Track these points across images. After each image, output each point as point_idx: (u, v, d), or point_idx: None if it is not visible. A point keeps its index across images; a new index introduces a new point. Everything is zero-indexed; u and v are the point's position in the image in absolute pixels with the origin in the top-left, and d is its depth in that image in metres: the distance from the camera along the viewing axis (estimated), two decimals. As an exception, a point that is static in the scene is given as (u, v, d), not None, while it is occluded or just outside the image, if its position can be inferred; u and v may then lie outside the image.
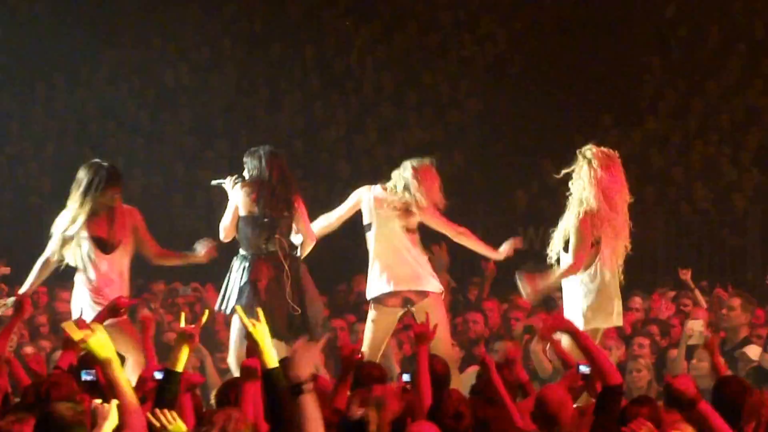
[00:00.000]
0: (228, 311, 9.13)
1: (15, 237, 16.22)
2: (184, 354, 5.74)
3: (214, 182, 9.53)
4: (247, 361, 6.41)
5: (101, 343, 5.34)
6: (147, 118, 19.15)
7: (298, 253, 9.22)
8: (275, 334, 8.91)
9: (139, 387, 6.61)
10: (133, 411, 5.30)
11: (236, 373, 8.87)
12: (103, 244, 8.93)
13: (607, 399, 6.40)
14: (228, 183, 9.30)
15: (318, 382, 7.36)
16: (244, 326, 5.61)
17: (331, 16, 20.61)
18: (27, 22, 19.62)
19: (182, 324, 5.84)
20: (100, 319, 7.99)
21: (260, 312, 6.07)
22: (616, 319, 9.04)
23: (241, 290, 9.07)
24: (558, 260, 9.08)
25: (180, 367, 5.71)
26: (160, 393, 5.63)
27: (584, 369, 7.07)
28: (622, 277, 9.10)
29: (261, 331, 5.56)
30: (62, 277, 14.12)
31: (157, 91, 19.49)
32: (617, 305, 9.03)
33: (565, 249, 8.98)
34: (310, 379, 5.23)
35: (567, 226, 8.87)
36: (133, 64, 19.83)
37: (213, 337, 10.75)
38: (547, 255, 9.20)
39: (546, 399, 6.53)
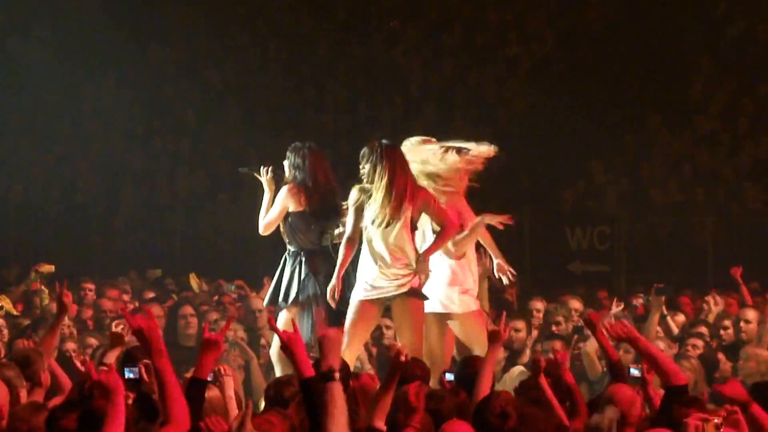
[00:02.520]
0: (288, 303, 9.10)
1: (62, 235, 16.32)
2: (210, 362, 5.70)
3: (241, 169, 9.50)
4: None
5: (155, 334, 5.35)
6: (193, 118, 19.19)
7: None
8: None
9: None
10: (178, 403, 5.26)
11: (277, 367, 8.84)
12: None
13: (672, 399, 6.36)
14: (263, 174, 9.26)
15: (361, 380, 7.30)
16: (279, 338, 5.59)
17: (378, 17, 20.57)
18: (75, 21, 19.71)
19: (207, 333, 5.81)
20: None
21: (294, 323, 6.02)
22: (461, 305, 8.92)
23: (302, 283, 9.06)
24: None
25: (206, 375, 5.67)
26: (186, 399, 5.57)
27: (635, 372, 7.00)
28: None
29: (296, 341, 5.56)
30: (109, 274, 14.23)
31: (204, 91, 19.54)
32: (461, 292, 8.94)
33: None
34: (339, 367, 5.28)
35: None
36: (180, 64, 19.89)
37: (257, 334, 10.71)
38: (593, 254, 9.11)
39: (616, 398, 6.46)
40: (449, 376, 7.45)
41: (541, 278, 15.13)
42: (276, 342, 8.86)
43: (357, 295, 8.75)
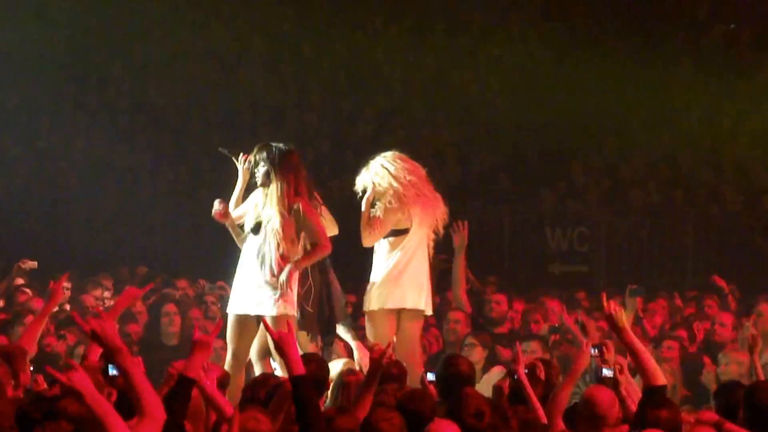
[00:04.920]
0: None
1: (43, 231, 16.30)
2: (199, 362, 5.75)
3: (221, 149, 9.37)
4: None
5: (110, 333, 5.35)
6: (175, 114, 19.20)
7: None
8: (304, 326, 8.93)
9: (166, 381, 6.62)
10: (150, 395, 5.29)
11: (257, 366, 8.88)
12: None
13: (650, 399, 6.43)
14: (240, 162, 9.10)
15: (359, 375, 7.39)
16: (271, 337, 5.62)
17: (361, 15, 20.61)
18: (58, 17, 19.70)
19: (197, 334, 5.85)
20: (118, 308, 7.99)
21: (289, 323, 6.05)
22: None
23: None
24: None
25: (194, 374, 5.72)
26: (170, 398, 5.61)
27: (607, 372, 7.05)
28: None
29: (288, 340, 5.61)
30: (90, 271, 14.22)
31: (186, 87, 19.54)
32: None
33: None
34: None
35: None
36: (163, 60, 19.88)
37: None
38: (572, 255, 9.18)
39: (595, 399, 6.52)
40: (430, 376, 7.50)
41: (520, 278, 15.19)
42: (256, 342, 8.90)
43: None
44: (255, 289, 8.59)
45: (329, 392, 7.45)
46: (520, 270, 16.02)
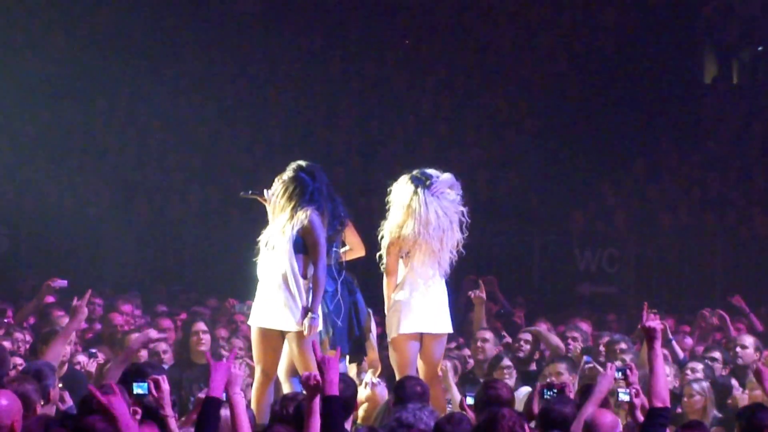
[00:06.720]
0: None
1: (74, 248, 16.38)
2: (220, 381, 5.82)
3: (243, 194, 9.32)
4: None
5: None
6: (206, 133, 19.28)
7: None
8: (333, 344, 8.94)
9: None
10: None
11: (285, 385, 8.89)
12: None
13: (652, 420, 6.45)
14: (267, 196, 9.08)
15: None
16: (315, 356, 5.66)
17: (391, 34, 20.66)
18: (89, 36, 19.84)
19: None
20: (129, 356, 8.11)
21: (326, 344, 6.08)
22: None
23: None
24: None
25: (219, 394, 5.78)
26: (199, 420, 5.66)
27: (624, 396, 7.08)
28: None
29: (330, 362, 5.78)
30: (120, 289, 14.29)
31: (217, 106, 19.62)
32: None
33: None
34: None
35: None
36: (194, 80, 19.98)
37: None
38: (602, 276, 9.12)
39: (597, 422, 6.54)
40: (470, 400, 7.51)
41: (549, 299, 15.20)
42: (285, 360, 8.91)
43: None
44: (277, 304, 8.61)
45: (375, 414, 7.48)
46: (548, 291, 16.01)
